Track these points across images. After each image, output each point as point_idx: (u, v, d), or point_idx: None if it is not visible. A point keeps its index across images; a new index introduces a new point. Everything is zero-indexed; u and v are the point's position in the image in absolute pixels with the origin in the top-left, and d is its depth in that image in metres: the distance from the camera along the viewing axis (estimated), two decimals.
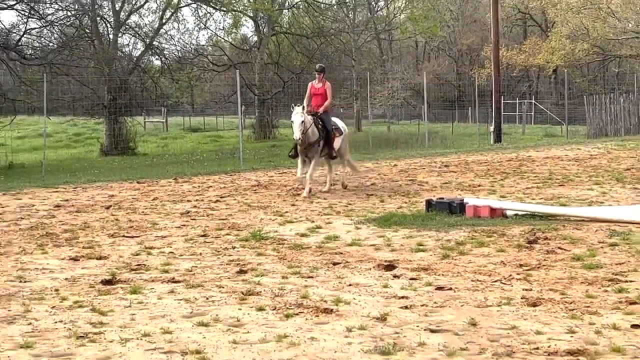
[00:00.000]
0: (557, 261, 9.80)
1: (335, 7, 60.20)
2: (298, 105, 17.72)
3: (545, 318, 7.30)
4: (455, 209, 13.74)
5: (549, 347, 6.40)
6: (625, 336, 6.67)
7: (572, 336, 6.71)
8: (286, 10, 55.84)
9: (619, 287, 8.36)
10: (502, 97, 42.99)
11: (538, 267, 9.49)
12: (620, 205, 14.57)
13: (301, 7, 54.61)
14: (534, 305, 7.77)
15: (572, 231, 11.83)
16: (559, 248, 10.61)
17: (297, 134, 17.26)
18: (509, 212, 13.57)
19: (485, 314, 7.50)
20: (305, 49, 54.15)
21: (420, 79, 45.22)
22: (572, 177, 19.79)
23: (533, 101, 63.05)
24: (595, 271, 9.15)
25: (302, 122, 17.25)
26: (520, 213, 13.49)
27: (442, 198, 14.88)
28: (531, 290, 8.40)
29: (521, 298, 8.03)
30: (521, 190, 17.45)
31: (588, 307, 7.65)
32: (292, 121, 17.65)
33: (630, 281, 8.65)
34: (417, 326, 7.11)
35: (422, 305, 7.85)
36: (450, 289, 8.54)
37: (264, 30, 52.62)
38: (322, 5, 57.19)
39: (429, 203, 14.36)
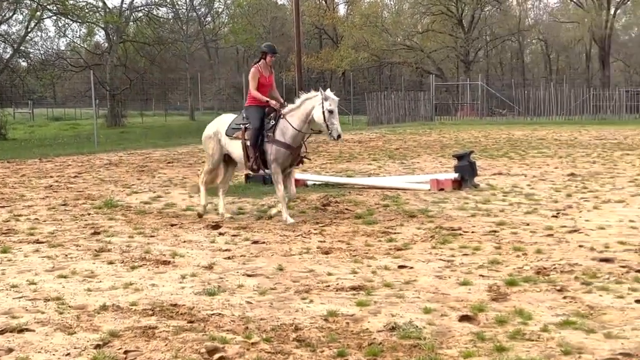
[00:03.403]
0: (344, 219, 10.01)
1: (171, 20, 59.05)
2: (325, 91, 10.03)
3: (335, 263, 7.44)
4: (268, 180, 13.73)
5: (337, 284, 6.53)
6: (394, 275, 6.89)
7: (354, 276, 6.87)
8: (132, 23, 54.29)
9: (389, 238, 8.63)
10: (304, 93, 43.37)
11: (330, 224, 9.66)
12: (391, 175, 15.03)
13: (144, 20, 53.26)
14: (327, 253, 7.90)
15: (355, 196, 12.12)
16: (346, 209, 10.84)
17: (340, 129, 9.85)
18: (309, 182, 13.74)
19: (289, 261, 7.57)
20: (147, 54, 52.98)
21: (241, 79, 45.03)
22: (356, 155, 20.25)
23: None
24: (372, 226, 9.40)
25: None
26: (317, 183, 13.70)
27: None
28: (325, 241, 8.54)
29: (317, 248, 8.15)
30: (318, 165, 17.70)
31: (367, 253, 7.85)
32: (328, 110, 9.77)
33: (398, 233, 8.94)
34: (237, 272, 7.10)
35: (241, 256, 7.84)
36: (264, 242, 8.57)
37: (114, 38, 50.87)
38: (161, 19, 56.04)
39: (247, 176, 14.35)
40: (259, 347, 4.93)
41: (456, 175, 12.96)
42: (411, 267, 7.15)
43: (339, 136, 9.88)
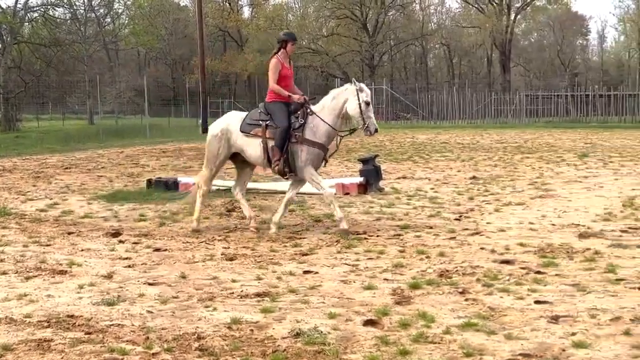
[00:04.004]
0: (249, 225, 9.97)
1: (69, 21, 57.63)
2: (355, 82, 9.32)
3: (239, 269, 7.41)
4: (171, 186, 13.64)
5: (241, 291, 6.50)
6: (299, 280, 6.90)
7: (259, 282, 6.85)
8: (26, 23, 52.72)
9: (295, 243, 8.66)
10: (208, 97, 43.17)
11: (235, 230, 9.63)
12: None
13: (40, 20, 51.83)
14: (231, 259, 7.86)
15: (261, 201, 12.12)
16: None
17: (376, 123, 9.26)
18: (213, 188, 13.63)
19: (193, 268, 7.50)
20: (43, 55, 51.57)
21: (142, 81, 44.35)
22: None
23: (232, 100, 63.78)
24: (278, 231, 9.39)
25: None
26: (222, 188, 13.61)
27: (160, 178, 14.72)
28: (229, 248, 8.50)
29: (221, 254, 8.10)
30: (223, 170, 17.56)
31: (272, 259, 7.85)
32: (364, 102, 9.09)
33: (303, 238, 8.98)
34: (138, 281, 6.98)
35: (142, 264, 7.72)
36: (166, 250, 8.46)
37: (7, 39, 49.28)
38: (58, 19, 54.66)
39: (149, 182, 14.19)
40: (160, 357, 4.86)
41: (361, 179, 13.12)
42: (316, 272, 7.19)
43: (376, 130, 9.16)
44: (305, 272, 7.22)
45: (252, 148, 9.49)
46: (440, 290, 6.40)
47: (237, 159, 10.00)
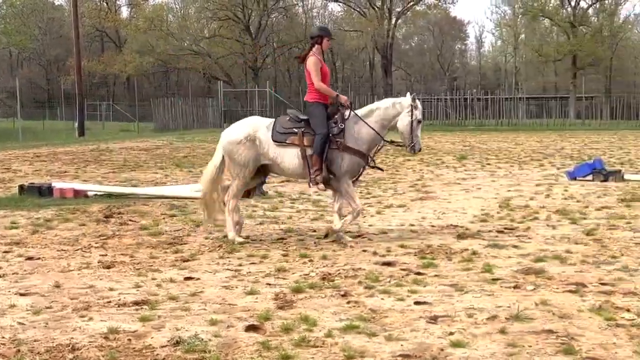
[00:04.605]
0: (128, 231, 9.78)
1: None
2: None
3: (117, 277, 7.24)
4: (45, 192, 13.22)
5: (119, 300, 6.35)
6: (179, 287, 6.81)
7: (138, 290, 6.71)
8: None
9: (176, 249, 8.54)
10: (85, 99, 42.15)
11: (113, 237, 9.40)
12: (178, 184, 14.91)
13: None
14: (109, 267, 7.67)
15: (141, 206, 11.88)
16: (130, 220, 10.61)
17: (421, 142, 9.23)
18: (90, 193, 13.32)
19: (68, 277, 7.27)
20: None
21: (14, 83, 42.80)
22: (141, 163, 19.89)
23: (111, 102, 62.43)
24: (158, 237, 9.25)
25: None
26: (99, 193, 13.31)
27: (33, 183, 14.25)
28: (106, 255, 8.29)
29: (98, 262, 7.89)
30: (101, 174, 17.18)
31: (151, 266, 7.71)
32: (417, 120, 8.94)
33: (185, 244, 8.87)
34: (9, 291, 6.70)
35: (14, 274, 7.42)
36: (39, 258, 8.17)
37: None
38: None
39: (21, 187, 13.70)
40: None
41: None
42: (198, 279, 7.11)
43: (419, 149, 9.09)
44: (187, 278, 7.14)
45: (288, 159, 8.90)
46: (322, 294, 6.46)
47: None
